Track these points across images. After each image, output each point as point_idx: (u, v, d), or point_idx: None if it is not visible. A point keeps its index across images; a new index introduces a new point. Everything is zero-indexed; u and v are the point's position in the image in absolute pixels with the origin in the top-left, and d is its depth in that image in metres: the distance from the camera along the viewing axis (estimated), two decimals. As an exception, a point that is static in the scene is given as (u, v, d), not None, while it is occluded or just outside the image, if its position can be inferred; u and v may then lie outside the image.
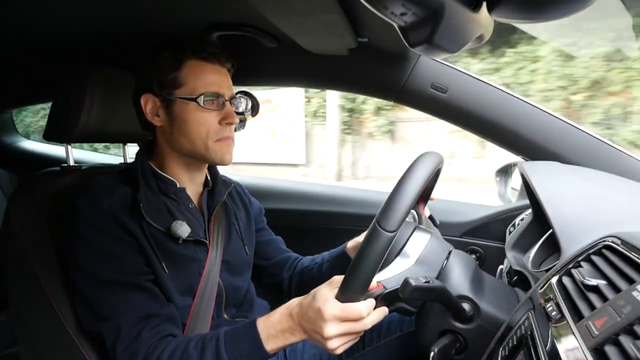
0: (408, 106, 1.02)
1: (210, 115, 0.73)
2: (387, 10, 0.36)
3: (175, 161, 0.77)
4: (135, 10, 0.75)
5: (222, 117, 0.74)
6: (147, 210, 0.69)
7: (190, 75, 0.72)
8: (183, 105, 0.72)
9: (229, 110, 0.74)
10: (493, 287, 0.64)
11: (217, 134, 0.73)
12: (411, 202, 0.52)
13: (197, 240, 0.75)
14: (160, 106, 0.74)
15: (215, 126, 0.73)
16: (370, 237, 0.51)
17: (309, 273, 0.91)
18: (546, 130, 0.94)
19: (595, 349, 0.32)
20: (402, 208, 0.51)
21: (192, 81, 0.72)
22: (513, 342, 0.45)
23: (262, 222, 0.98)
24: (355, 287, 0.53)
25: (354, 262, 0.53)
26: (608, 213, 0.59)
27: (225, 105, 0.74)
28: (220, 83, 0.74)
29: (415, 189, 0.53)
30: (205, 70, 0.73)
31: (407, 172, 0.55)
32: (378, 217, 0.52)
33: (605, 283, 0.39)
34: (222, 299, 0.78)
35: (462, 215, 1.15)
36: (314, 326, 0.56)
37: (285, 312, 0.61)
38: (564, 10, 0.38)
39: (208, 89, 0.72)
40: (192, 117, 0.72)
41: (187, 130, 0.72)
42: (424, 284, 0.53)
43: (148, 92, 0.74)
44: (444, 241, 0.69)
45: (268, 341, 0.60)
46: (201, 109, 0.72)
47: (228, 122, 0.74)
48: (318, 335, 0.56)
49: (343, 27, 0.75)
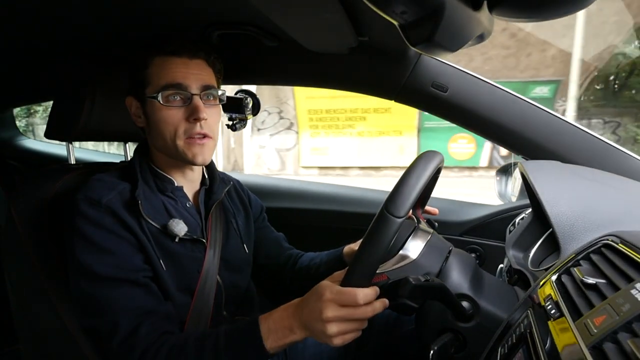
0: (409, 105, 1.02)
1: (177, 113, 0.70)
2: (388, 9, 0.36)
3: (165, 160, 0.77)
4: (135, 8, 0.75)
5: (188, 113, 0.70)
6: (145, 208, 0.69)
7: (155, 72, 0.71)
8: (151, 105, 0.71)
9: (196, 105, 0.70)
10: (493, 285, 0.64)
11: (187, 131, 0.70)
12: (419, 189, 0.53)
13: (195, 238, 0.74)
14: (139, 107, 0.74)
15: (183, 124, 0.70)
16: (378, 223, 0.51)
17: (307, 273, 0.91)
18: (546, 129, 0.94)
19: (594, 347, 0.32)
20: (410, 194, 0.52)
21: (156, 78, 0.70)
22: (512, 341, 0.45)
23: (263, 219, 0.98)
24: (361, 272, 0.53)
25: (361, 247, 0.52)
26: (608, 212, 0.59)
27: (193, 99, 0.70)
28: (185, 75, 0.70)
29: (423, 177, 0.54)
30: (170, 64, 0.70)
31: (414, 163, 0.56)
32: (386, 204, 0.52)
33: (605, 282, 0.40)
34: (221, 297, 0.78)
35: (462, 214, 1.15)
36: (313, 313, 0.55)
37: (286, 309, 0.61)
38: (564, 10, 0.38)
39: (169, 81, 0.69)
40: (157, 116, 0.70)
41: (157, 130, 0.71)
42: (423, 282, 0.53)
43: (130, 95, 0.75)
44: (444, 240, 0.70)
45: (268, 339, 0.59)
46: (163, 107, 0.70)
47: (195, 117, 0.69)
48: (318, 323, 0.55)
49: (344, 26, 0.75)
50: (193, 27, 0.84)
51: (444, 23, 0.36)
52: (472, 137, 8.31)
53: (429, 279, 0.54)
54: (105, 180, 0.70)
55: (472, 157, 8.55)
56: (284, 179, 1.49)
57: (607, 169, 0.85)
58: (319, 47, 0.91)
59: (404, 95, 0.99)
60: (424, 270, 0.62)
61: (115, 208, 0.67)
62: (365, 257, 0.52)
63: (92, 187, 0.68)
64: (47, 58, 1.04)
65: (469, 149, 8.50)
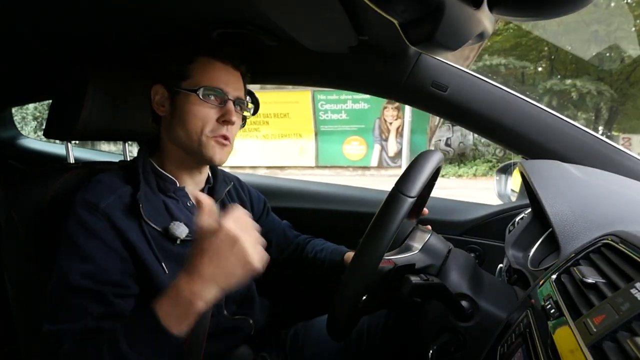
0: (408, 104, 1.02)
1: (210, 111, 0.73)
2: (388, 8, 0.36)
3: (175, 160, 0.77)
4: (135, 7, 0.75)
5: (221, 114, 0.73)
6: (146, 210, 0.68)
7: (199, 69, 0.73)
8: (185, 97, 0.73)
9: (229, 108, 0.74)
10: (492, 285, 0.65)
11: (213, 130, 0.73)
12: (430, 171, 0.54)
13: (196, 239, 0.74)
14: (167, 97, 0.75)
15: (213, 122, 0.73)
16: (390, 202, 0.51)
17: (312, 264, 0.94)
18: (546, 128, 0.94)
19: (593, 346, 0.32)
20: (421, 175, 0.52)
21: (199, 75, 0.73)
22: (512, 340, 0.45)
23: (268, 212, 1.00)
24: (372, 250, 0.52)
25: (372, 225, 0.52)
26: (607, 212, 0.59)
27: (227, 103, 0.74)
28: (226, 81, 0.75)
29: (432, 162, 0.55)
30: (215, 67, 0.74)
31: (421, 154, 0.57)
32: (397, 185, 0.52)
33: (604, 281, 0.40)
34: (221, 297, 0.78)
35: (461, 214, 1.15)
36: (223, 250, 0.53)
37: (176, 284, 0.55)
38: (564, 9, 0.38)
39: (211, 83, 0.73)
40: (191, 108, 0.72)
41: (184, 121, 0.73)
42: (423, 282, 0.53)
43: (159, 84, 0.76)
44: (443, 239, 0.70)
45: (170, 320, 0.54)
46: (200, 102, 0.72)
47: (225, 119, 0.73)
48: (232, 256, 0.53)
49: (343, 26, 0.75)
50: (193, 26, 0.84)
51: (444, 22, 0.36)
52: (363, 140, 9.50)
53: (429, 278, 0.54)
54: (105, 182, 0.69)
55: (363, 158, 9.59)
56: (285, 179, 1.49)
57: (607, 168, 0.85)
58: (318, 47, 0.91)
59: (403, 94, 0.99)
60: (429, 261, 0.62)
61: (112, 214, 0.65)
62: (377, 234, 0.51)
63: (92, 189, 0.67)
64: (46, 57, 1.04)
65: (360, 151, 9.59)
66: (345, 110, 9.46)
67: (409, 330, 0.82)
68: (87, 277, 0.61)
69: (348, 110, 9.45)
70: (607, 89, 10.09)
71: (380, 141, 9.59)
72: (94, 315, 0.60)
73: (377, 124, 9.50)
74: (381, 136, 9.55)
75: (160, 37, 0.87)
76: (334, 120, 9.53)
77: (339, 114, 9.50)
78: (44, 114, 8.54)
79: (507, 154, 10.48)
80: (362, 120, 9.50)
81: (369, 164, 9.65)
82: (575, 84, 9.85)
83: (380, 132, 9.53)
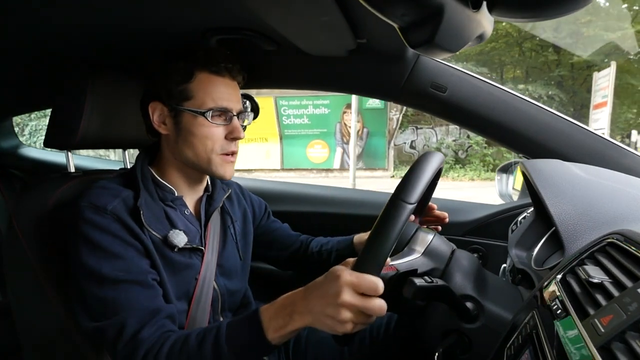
0: (408, 106, 1.02)
1: (218, 130, 0.73)
2: (387, 11, 0.36)
3: (175, 170, 0.77)
4: (132, 15, 0.75)
5: (228, 131, 0.74)
6: (147, 217, 0.69)
7: (200, 88, 0.72)
8: (191, 118, 0.72)
9: (236, 125, 0.75)
10: (496, 286, 0.64)
11: (223, 148, 0.74)
12: (429, 177, 0.53)
13: (194, 247, 0.75)
14: (167, 115, 0.74)
15: (222, 141, 0.74)
16: (390, 209, 0.51)
17: (319, 258, 0.93)
18: (547, 128, 0.94)
19: (602, 347, 0.31)
20: (421, 181, 0.52)
21: (202, 94, 0.72)
22: (518, 341, 0.45)
23: (269, 216, 1.00)
24: (374, 259, 0.52)
25: (372, 233, 0.52)
26: (611, 210, 0.59)
27: (233, 120, 0.75)
28: (229, 97, 0.75)
29: (431, 168, 0.54)
30: (216, 83, 0.73)
31: (420, 158, 0.57)
32: (397, 192, 0.52)
33: (610, 281, 0.39)
34: (218, 303, 0.79)
35: (463, 215, 1.15)
36: (326, 297, 0.53)
37: (289, 296, 0.59)
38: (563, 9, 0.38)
39: (217, 103, 0.72)
40: (199, 130, 0.72)
41: (192, 143, 0.73)
42: (427, 284, 0.53)
43: (156, 101, 0.74)
44: (446, 240, 0.70)
45: (269, 328, 0.57)
46: (208, 124, 0.72)
47: (234, 137, 0.74)
48: (330, 307, 0.52)
49: (342, 29, 0.75)
50: (192, 33, 0.84)
51: (444, 24, 0.36)
52: (325, 143, 10.00)
53: (433, 280, 0.54)
54: (108, 187, 0.70)
55: (326, 161, 10.10)
56: (286, 183, 1.49)
57: (609, 166, 0.85)
58: (317, 50, 0.92)
59: (403, 96, 0.99)
60: (432, 264, 0.62)
61: (120, 215, 0.67)
62: (377, 243, 0.51)
63: (95, 194, 0.68)
64: (46, 67, 1.04)
65: (323, 154, 10.09)
66: (307, 115, 9.83)
67: (412, 333, 0.82)
68: (120, 270, 0.64)
69: (310, 115, 9.82)
70: (557, 93, 10.70)
71: (342, 144, 9.99)
72: (142, 298, 0.64)
73: (338, 127, 9.89)
74: (342, 139, 9.93)
75: (159, 44, 0.87)
76: (296, 125, 9.88)
77: (301, 118, 9.85)
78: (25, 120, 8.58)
79: (468, 155, 10.84)
80: (323, 125, 9.85)
81: (331, 166, 10.10)
82: (527, 88, 10.61)
83: (341, 136, 9.92)
